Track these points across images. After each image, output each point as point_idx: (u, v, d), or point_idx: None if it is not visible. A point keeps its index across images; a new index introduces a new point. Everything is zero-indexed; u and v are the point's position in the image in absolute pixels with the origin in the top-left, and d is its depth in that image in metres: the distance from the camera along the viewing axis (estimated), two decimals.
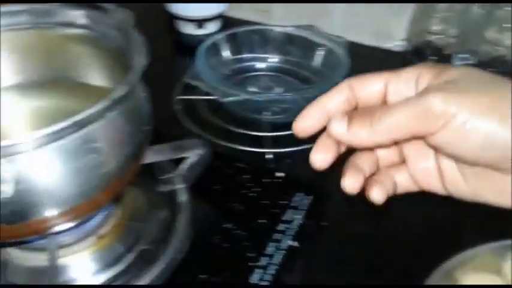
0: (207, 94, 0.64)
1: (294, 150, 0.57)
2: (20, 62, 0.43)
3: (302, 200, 0.48)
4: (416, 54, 0.78)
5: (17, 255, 0.41)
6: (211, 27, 0.83)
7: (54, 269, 0.37)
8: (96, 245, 0.43)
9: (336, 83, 0.61)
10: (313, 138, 0.57)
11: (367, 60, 0.75)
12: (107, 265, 0.42)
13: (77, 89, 0.43)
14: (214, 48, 0.67)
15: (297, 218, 0.47)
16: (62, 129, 0.29)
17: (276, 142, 0.59)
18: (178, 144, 0.45)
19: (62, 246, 0.40)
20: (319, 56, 0.68)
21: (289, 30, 0.69)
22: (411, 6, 0.76)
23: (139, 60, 0.34)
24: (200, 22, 0.81)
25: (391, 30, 0.79)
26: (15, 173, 0.30)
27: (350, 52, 0.65)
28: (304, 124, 0.31)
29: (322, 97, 0.31)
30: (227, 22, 0.86)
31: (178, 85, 0.68)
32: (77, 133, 0.31)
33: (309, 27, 0.69)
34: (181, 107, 0.65)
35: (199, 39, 0.82)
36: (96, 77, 0.42)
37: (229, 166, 0.53)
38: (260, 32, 0.70)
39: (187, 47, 0.83)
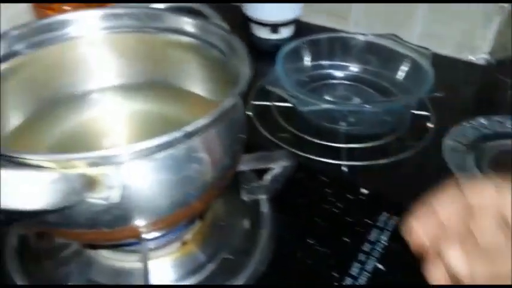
0: (281, 99, 0.63)
1: (371, 164, 0.55)
2: (125, 63, 0.43)
3: (388, 220, 0.46)
4: (501, 68, 0.74)
5: (103, 255, 0.42)
6: (285, 32, 0.82)
7: (145, 271, 0.36)
8: (179, 251, 0.42)
9: (419, 98, 0.60)
10: (388, 153, 0.56)
11: (448, 73, 0.71)
12: (187, 273, 0.41)
13: (176, 95, 0.43)
14: (294, 54, 0.66)
15: (383, 239, 0.45)
16: (174, 139, 0.28)
17: (350, 154, 0.57)
18: (264, 155, 0.44)
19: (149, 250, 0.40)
20: (401, 67, 0.65)
21: (371, 38, 0.67)
22: (499, 16, 0.71)
23: (245, 72, 0.33)
24: (275, 27, 0.80)
25: (476, 41, 0.75)
26: (123, 180, 0.29)
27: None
28: (416, 232, 0.29)
29: (433, 202, 0.29)
30: (300, 27, 0.84)
31: (252, 90, 0.67)
32: (184, 143, 0.30)
33: (391, 36, 0.66)
34: (255, 112, 0.64)
35: (273, 43, 0.82)
36: (195, 84, 0.42)
37: (311, 178, 0.51)
38: (341, 39, 0.68)
39: (260, 50, 0.82)
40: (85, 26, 0.41)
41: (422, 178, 0.54)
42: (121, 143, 0.42)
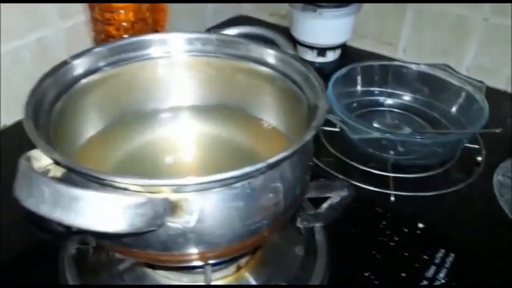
0: (327, 123, 0.62)
1: (419, 196, 0.55)
2: (200, 86, 0.44)
3: (445, 256, 0.45)
4: None
5: (158, 272, 0.42)
6: (331, 56, 0.83)
7: None
8: (233, 275, 0.42)
9: (473, 135, 0.59)
10: (437, 185, 0.55)
11: (498, 106, 0.70)
12: None
13: (246, 121, 0.43)
14: (345, 79, 0.65)
15: (440, 276, 0.44)
16: (256, 170, 0.28)
17: (398, 184, 0.56)
18: (324, 184, 0.44)
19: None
20: (453, 99, 0.64)
21: (423, 68, 0.66)
22: None
23: (323, 107, 0.33)
24: (323, 50, 0.81)
25: None
26: (201, 206, 0.30)
27: None
28: None
29: None
30: (346, 52, 0.84)
31: None
32: (264, 174, 0.30)
33: (444, 67, 0.66)
34: None
35: (318, 66, 0.82)
36: (266, 113, 0.43)
37: (365, 208, 0.51)
38: (393, 67, 0.68)
39: None
40: (165, 48, 0.42)
41: (472, 213, 0.53)
42: (188, 164, 0.43)
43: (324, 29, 0.78)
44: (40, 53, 0.65)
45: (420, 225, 0.49)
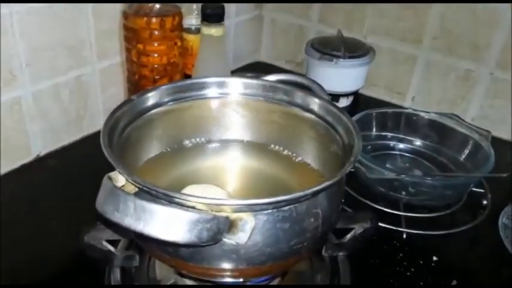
0: None
1: (429, 234, 0.59)
2: (249, 124, 0.51)
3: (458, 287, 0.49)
4: None
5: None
6: (344, 102, 0.88)
7: None
8: None
9: (480, 179, 0.64)
10: (444, 225, 0.59)
11: (504, 156, 0.73)
12: None
13: (285, 160, 0.49)
14: (361, 123, 0.71)
15: None
16: (303, 196, 0.33)
17: (409, 222, 0.60)
18: (349, 215, 0.48)
19: None
20: (461, 146, 0.69)
21: (433, 116, 0.72)
22: None
23: (358, 144, 0.38)
24: (337, 97, 0.87)
25: None
26: (253, 225, 0.34)
27: None
28: None
29: None
30: (358, 99, 0.90)
31: None
32: (308, 200, 0.35)
33: (452, 116, 0.71)
34: None
35: None
36: (306, 153, 0.49)
37: (384, 241, 0.55)
38: (405, 114, 0.73)
39: None
40: (220, 89, 0.49)
41: (479, 251, 0.57)
42: (231, 191, 0.48)
43: (339, 77, 0.84)
44: (77, 90, 0.70)
45: (434, 258, 0.53)
